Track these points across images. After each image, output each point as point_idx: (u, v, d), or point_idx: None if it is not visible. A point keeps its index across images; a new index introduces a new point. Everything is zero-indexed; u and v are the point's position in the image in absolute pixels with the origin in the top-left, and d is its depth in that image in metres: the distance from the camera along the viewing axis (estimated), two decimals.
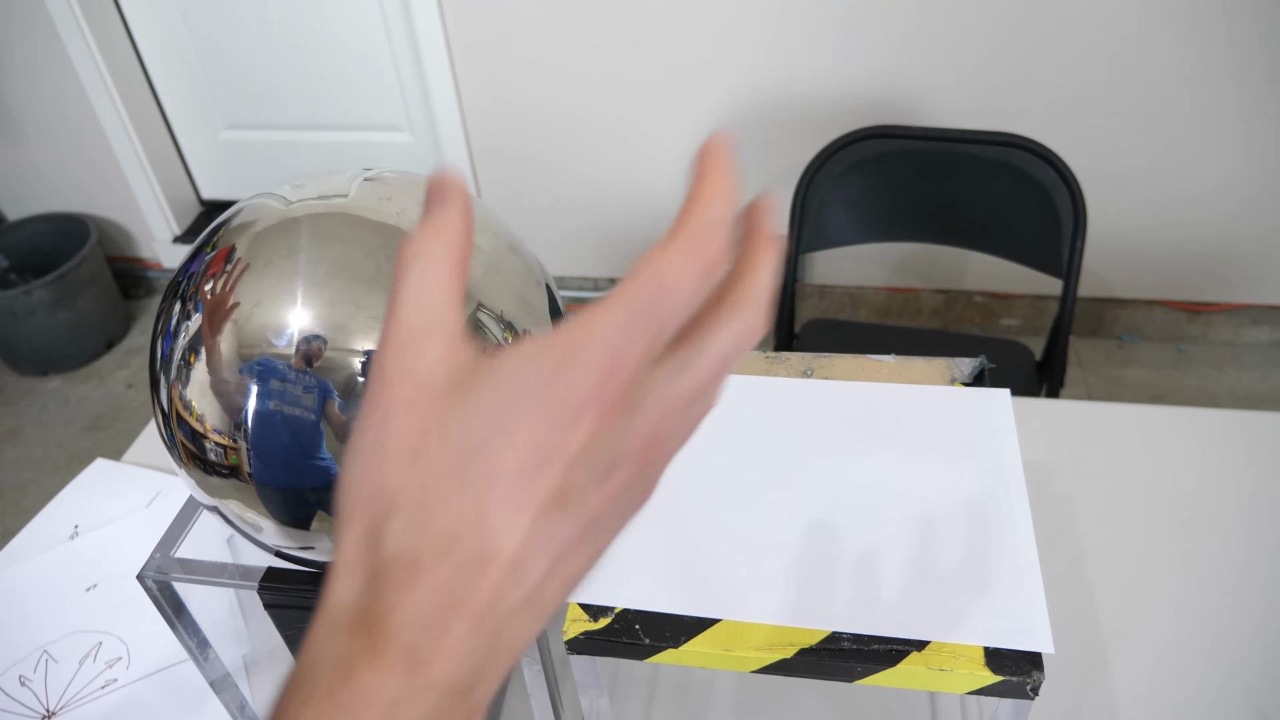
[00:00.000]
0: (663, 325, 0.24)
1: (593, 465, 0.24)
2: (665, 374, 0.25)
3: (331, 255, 0.54)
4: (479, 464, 0.24)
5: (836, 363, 0.76)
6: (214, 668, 0.68)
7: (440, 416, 0.24)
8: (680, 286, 0.24)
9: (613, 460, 0.25)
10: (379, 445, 0.25)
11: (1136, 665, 0.78)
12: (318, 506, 0.54)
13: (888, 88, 1.89)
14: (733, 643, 0.57)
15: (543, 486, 0.24)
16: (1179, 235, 2.01)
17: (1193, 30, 1.73)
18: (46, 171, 2.39)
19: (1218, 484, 0.91)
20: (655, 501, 0.32)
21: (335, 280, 0.53)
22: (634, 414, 0.24)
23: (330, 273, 0.53)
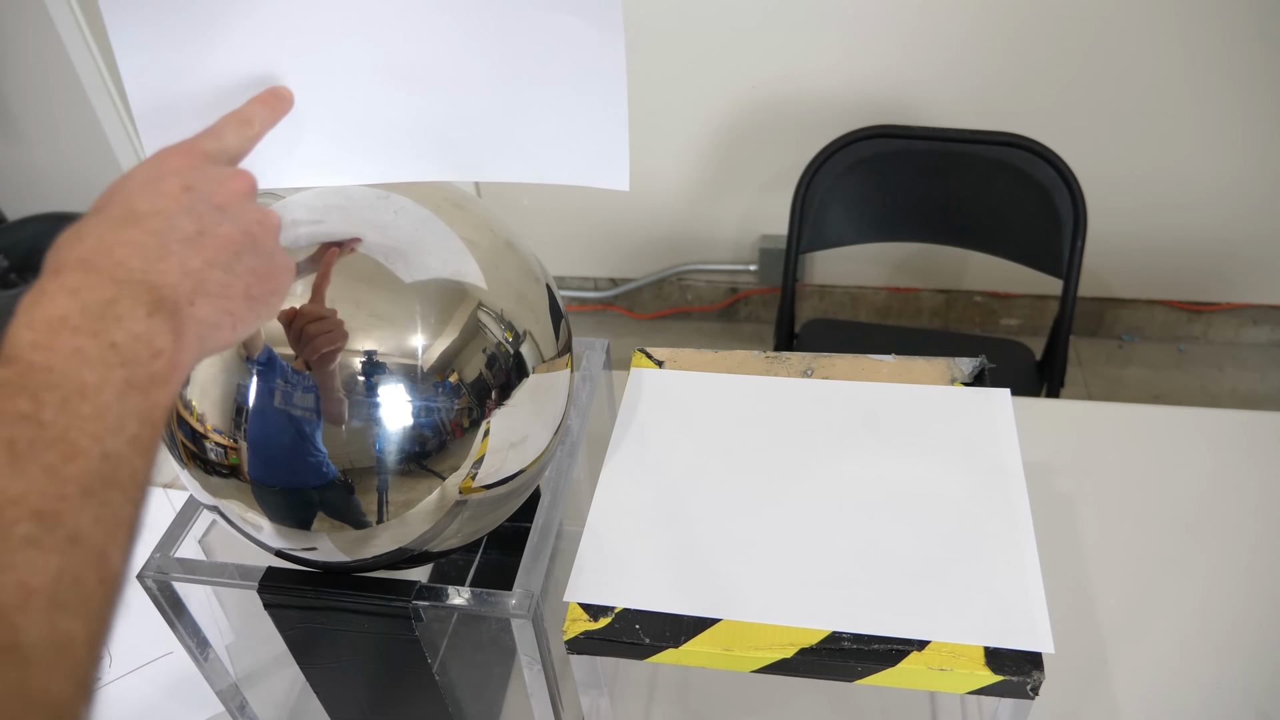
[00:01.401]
0: (197, 149, 0.44)
1: (196, 191, 0.41)
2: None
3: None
4: (122, 200, 0.40)
5: (836, 363, 0.76)
6: (214, 668, 0.68)
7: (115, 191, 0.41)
8: (207, 137, 0.46)
9: (207, 193, 0.41)
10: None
11: (1136, 665, 0.78)
12: (318, 506, 0.54)
13: (888, 88, 1.89)
14: (733, 643, 0.57)
15: (166, 192, 0.40)
16: (1179, 235, 2.01)
17: (1193, 30, 1.73)
18: (46, 171, 2.39)
19: (1218, 484, 0.91)
20: (655, 502, 0.34)
21: (334, 279, 0.53)
22: (204, 173, 0.43)
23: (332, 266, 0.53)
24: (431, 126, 0.56)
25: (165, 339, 0.35)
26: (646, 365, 0.78)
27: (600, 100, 0.54)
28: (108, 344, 0.33)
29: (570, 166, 0.56)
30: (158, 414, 0.34)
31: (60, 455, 0.30)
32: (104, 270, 0.35)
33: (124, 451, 0.32)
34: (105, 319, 0.33)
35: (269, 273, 0.42)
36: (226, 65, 0.54)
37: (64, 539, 0.29)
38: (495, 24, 0.52)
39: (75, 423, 0.31)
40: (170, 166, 0.42)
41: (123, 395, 0.33)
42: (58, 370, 0.32)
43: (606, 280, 2.35)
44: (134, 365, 0.33)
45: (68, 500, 0.30)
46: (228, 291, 0.39)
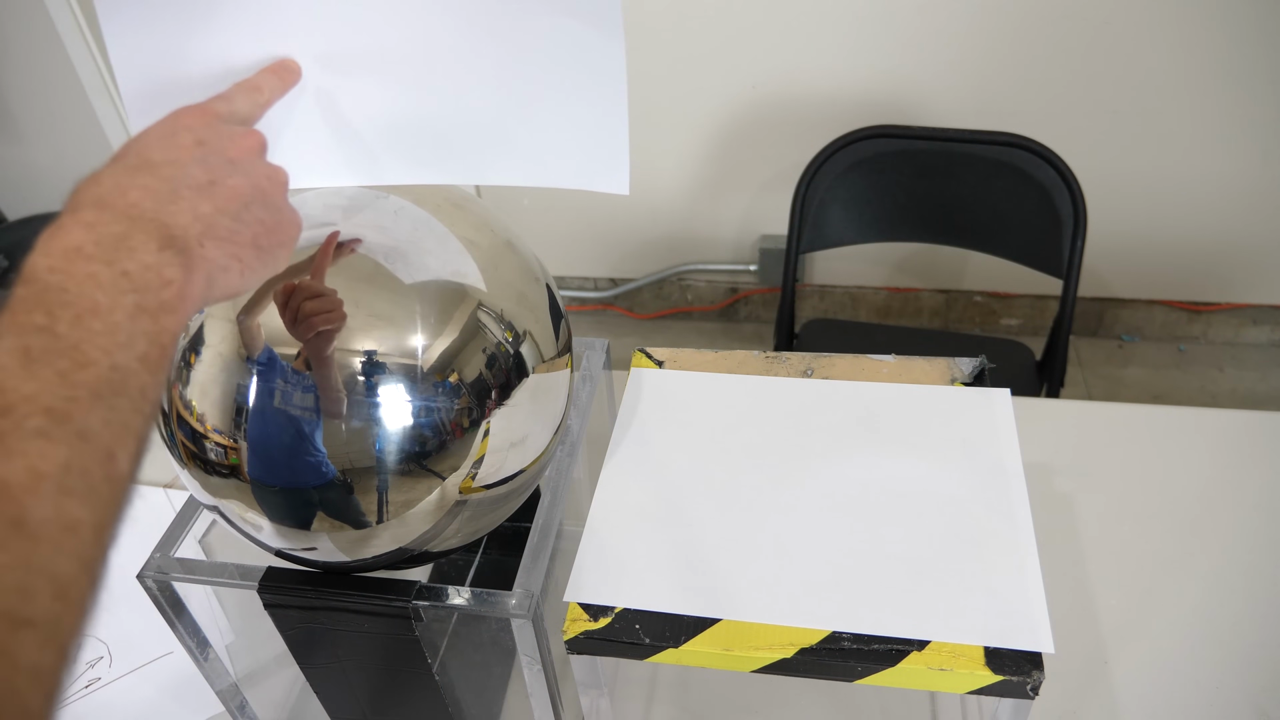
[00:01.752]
0: (210, 110, 0.46)
1: (209, 145, 0.43)
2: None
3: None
4: (138, 151, 0.42)
5: (836, 363, 0.76)
6: (214, 667, 0.68)
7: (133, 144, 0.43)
8: (219, 100, 0.48)
9: (219, 148, 0.43)
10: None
11: (1136, 665, 0.78)
12: (318, 506, 0.54)
13: (888, 88, 1.89)
14: (733, 643, 0.57)
15: (180, 145, 0.42)
16: (1179, 235, 2.01)
17: (1193, 30, 1.73)
18: (46, 171, 2.38)
19: (1218, 484, 0.91)
20: (655, 502, 0.34)
21: (334, 279, 0.53)
22: (217, 130, 0.45)
23: (328, 271, 0.53)
24: (431, 129, 0.56)
25: (175, 270, 0.37)
26: (646, 365, 0.78)
27: (600, 104, 0.54)
28: (120, 271, 0.35)
29: (570, 170, 0.56)
30: (166, 338, 0.36)
31: (71, 363, 0.32)
32: (118, 209, 0.37)
33: (133, 366, 0.34)
34: (118, 250, 0.35)
35: (276, 224, 0.44)
36: (224, 70, 0.54)
37: (73, 434, 0.31)
38: (495, 27, 0.52)
39: (87, 337, 0.33)
40: (184, 123, 0.44)
41: (133, 317, 0.34)
42: (72, 291, 0.33)
43: (606, 280, 2.35)
44: (144, 292, 0.35)
45: (78, 402, 0.31)
46: (236, 238, 0.41)
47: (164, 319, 0.35)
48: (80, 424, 0.31)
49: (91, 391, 0.32)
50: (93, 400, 0.32)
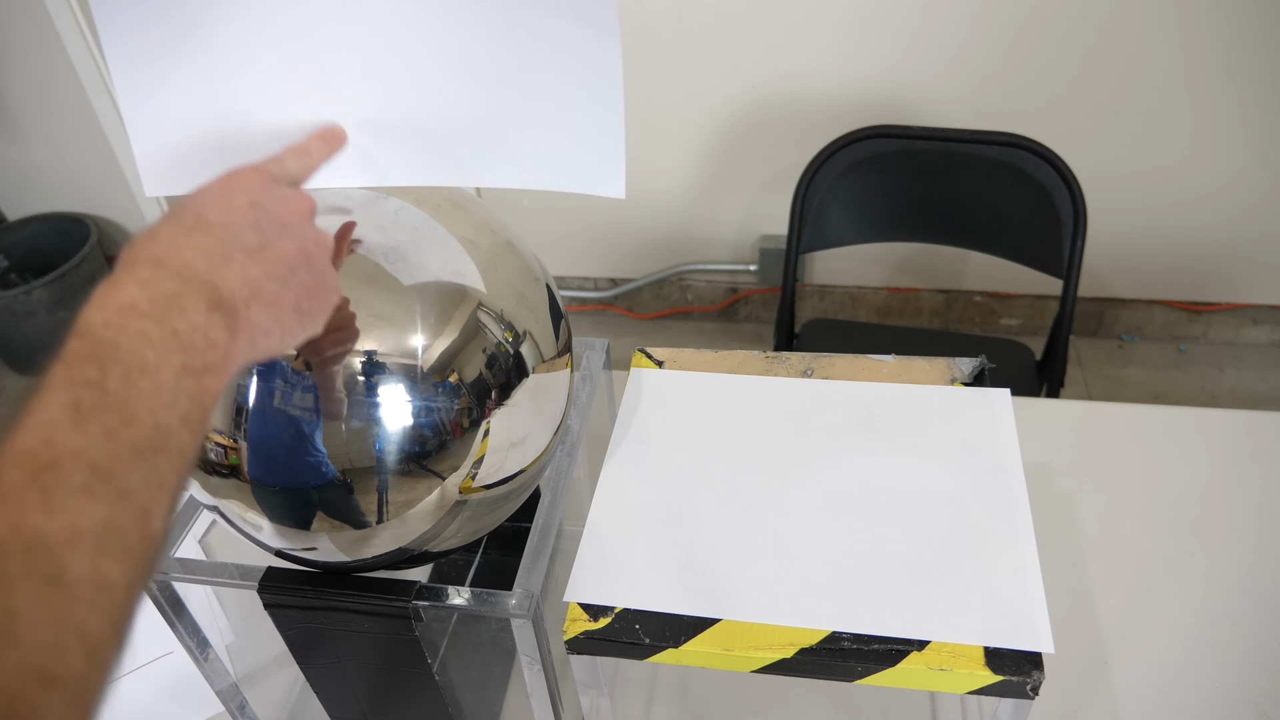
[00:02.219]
0: (264, 171, 0.47)
1: (262, 207, 0.44)
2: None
3: None
4: (195, 209, 0.43)
5: (836, 363, 0.76)
6: (214, 667, 0.68)
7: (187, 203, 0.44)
8: (272, 162, 0.49)
9: (272, 210, 0.44)
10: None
11: (1136, 665, 0.78)
12: (317, 506, 0.54)
13: (888, 88, 1.89)
14: (733, 643, 0.57)
15: (235, 206, 0.43)
16: (1179, 235, 2.01)
17: (1193, 30, 1.73)
18: (46, 171, 2.38)
19: (1218, 484, 0.91)
20: (655, 502, 0.34)
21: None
22: (271, 192, 0.46)
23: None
24: (429, 131, 0.56)
25: (221, 333, 0.38)
26: (646, 365, 0.78)
27: (597, 107, 0.54)
28: (170, 330, 0.36)
29: (566, 173, 0.56)
30: (208, 399, 0.37)
31: (119, 419, 0.33)
32: (172, 268, 0.39)
33: (174, 425, 0.35)
34: (170, 309, 0.37)
35: (319, 289, 0.45)
36: (222, 70, 0.54)
37: (114, 492, 0.32)
38: (492, 31, 0.52)
39: (135, 394, 0.34)
40: (240, 184, 0.45)
41: (178, 376, 0.36)
42: (124, 347, 0.35)
43: (606, 280, 2.35)
44: (191, 352, 0.37)
45: (121, 460, 0.33)
46: (280, 302, 0.42)
47: (207, 380, 0.37)
48: (122, 482, 0.32)
49: (135, 450, 0.33)
50: (135, 459, 0.33)
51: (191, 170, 0.58)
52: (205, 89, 0.55)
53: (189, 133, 0.57)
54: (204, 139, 0.57)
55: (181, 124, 0.56)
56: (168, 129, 0.56)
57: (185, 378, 0.36)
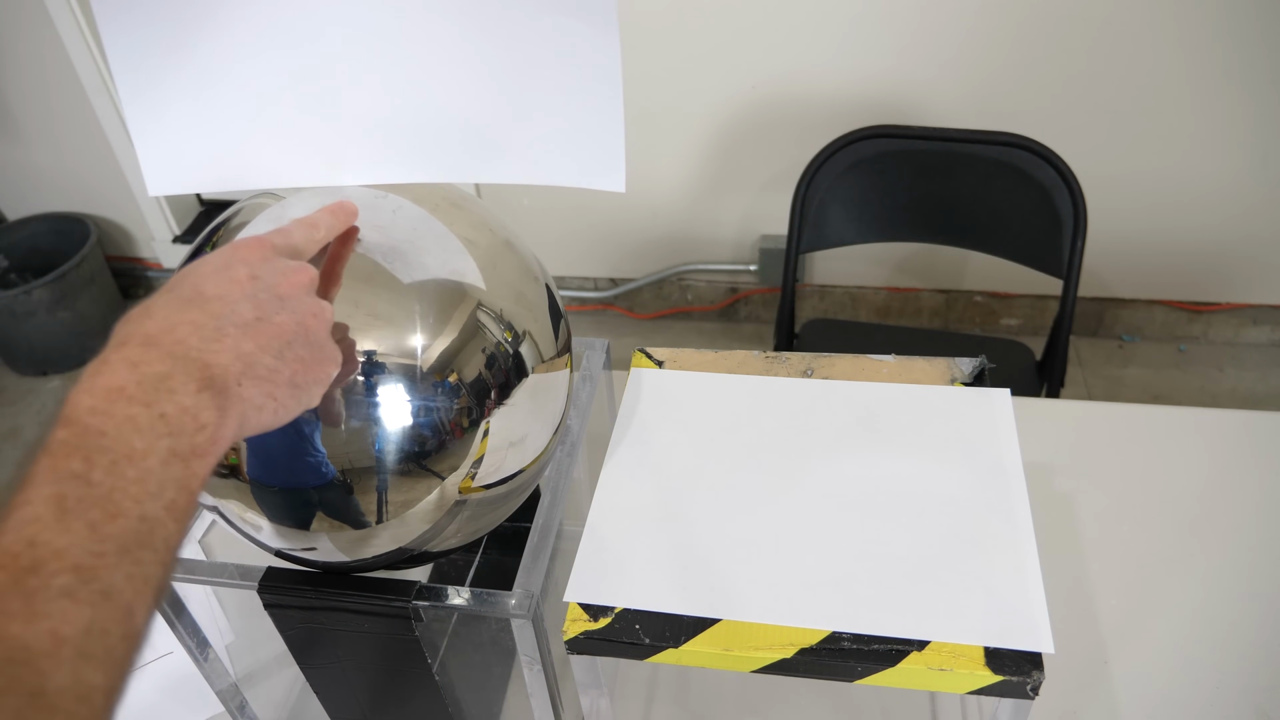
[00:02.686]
0: (268, 243, 0.47)
1: (261, 280, 0.44)
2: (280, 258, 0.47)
3: None
4: (193, 283, 0.43)
5: (836, 363, 0.76)
6: (214, 667, 0.68)
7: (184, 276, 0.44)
8: (277, 234, 0.48)
9: (271, 283, 0.44)
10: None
11: (1136, 665, 0.78)
12: (317, 506, 0.54)
13: (888, 88, 1.89)
14: (733, 643, 0.57)
15: (234, 279, 0.43)
16: (1179, 235, 2.01)
17: (1193, 30, 1.73)
18: (46, 171, 2.38)
19: (1218, 484, 0.91)
20: (655, 502, 0.34)
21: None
22: (271, 264, 0.46)
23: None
24: (428, 128, 0.56)
25: (210, 414, 0.38)
26: (646, 365, 0.78)
27: (596, 102, 0.54)
28: (158, 414, 0.36)
29: (566, 168, 0.56)
30: (195, 483, 0.37)
31: (103, 514, 0.33)
32: (164, 346, 0.39)
33: (160, 516, 0.35)
34: (159, 391, 0.37)
35: (315, 362, 0.45)
36: (224, 68, 0.54)
37: (97, 593, 0.32)
38: (491, 26, 0.52)
39: (120, 485, 0.34)
40: (240, 256, 0.45)
41: (166, 463, 0.36)
42: (110, 435, 0.35)
43: (606, 280, 2.35)
44: (179, 436, 0.36)
45: (105, 557, 0.32)
46: (274, 377, 0.42)
47: (195, 464, 0.37)
48: (106, 582, 0.32)
49: (119, 546, 0.33)
50: (119, 556, 0.33)
51: (194, 170, 0.58)
52: (207, 88, 0.55)
53: (192, 132, 0.57)
54: (207, 138, 0.57)
55: (184, 123, 0.56)
56: (171, 129, 0.56)
57: (173, 463, 0.36)
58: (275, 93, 0.55)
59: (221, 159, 0.57)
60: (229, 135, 0.57)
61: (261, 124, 0.56)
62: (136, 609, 0.33)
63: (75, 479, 0.33)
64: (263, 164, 0.58)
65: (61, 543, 0.32)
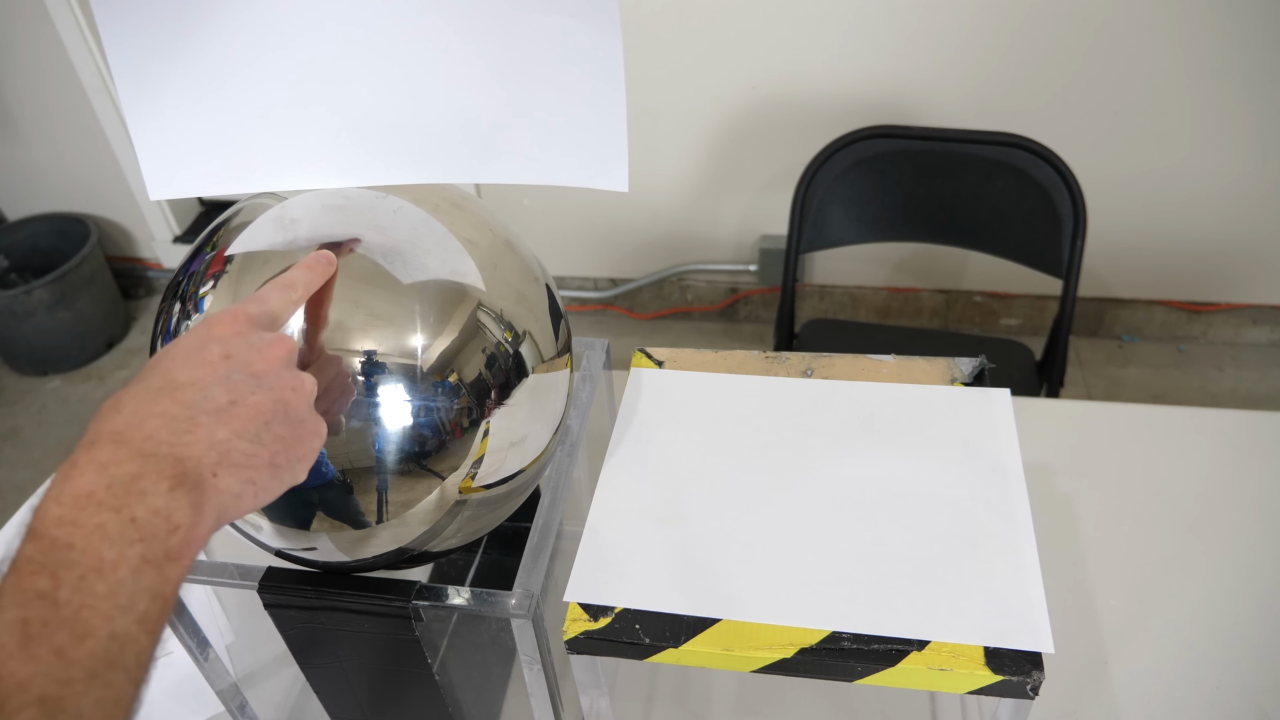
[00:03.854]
0: (242, 316, 0.46)
1: (235, 359, 0.43)
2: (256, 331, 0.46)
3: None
4: (164, 369, 0.42)
5: (836, 363, 0.76)
6: (214, 667, 0.68)
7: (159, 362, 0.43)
8: (253, 302, 0.47)
9: (245, 362, 0.43)
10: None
11: (1136, 665, 0.78)
12: (317, 506, 0.54)
13: (888, 88, 1.89)
14: (733, 643, 0.57)
15: (206, 361, 0.42)
16: (1179, 235, 2.01)
17: (1193, 30, 1.73)
18: (46, 171, 2.39)
19: (1218, 484, 0.91)
20: (655, 502, 0.33)
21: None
22: (246, 340, 0.44)
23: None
24: (430, 129, 0.56)
25: (184, 514, 0.36)
26: (646, 365, 0.78)
27: (599, 101, 0.54)
28: (128, 519, 0.35)
29: (569, 168, 0.56)
30: (169, 589, 0.35)
31: (71, 636, 0.32)
32: (134, 443, 0.37)
33: (132, 630, 0.33)
34: (129, 494, 0.35)
35: (296, 439, 0.43)
36: (224, 71, 0.54)
37: None
38: (493, 26, 0.52)
39: (89, 601, 0.32)
40: (215, 334, 0.44)
41: (137, 572, 0.34)
42: (78, 548, 0.33)
43: (606, 280, 2.35)
44: (151, 541, 0.35)
45: (72, 684, 0.31)
46: (252, 461, 0.41)
47: (168, 569, 0.35)
48: (74, 711, 0.31)
49: (87, 670, 0.32)
50: (88, 680, 0.31)
51: (195, 174, 0.58)
52: (208, 92, 0.55)
53: (193, 136, 0.57)
54: (208, 142, 0.57)
55: (185, 128, 0.56)
56: (171, 133, 0.56)
57: (145, 571, 0.34)
58: (276, 95, 0.55)
59: (222, 163, 0.57)
60: (230, 139, 0.57)
61: (262, 127, 0.56)
62: None
63: (41, 599, 0.32)
64: (264, 167, 0.58)
65: (25, 673, 0.30)
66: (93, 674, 0.32)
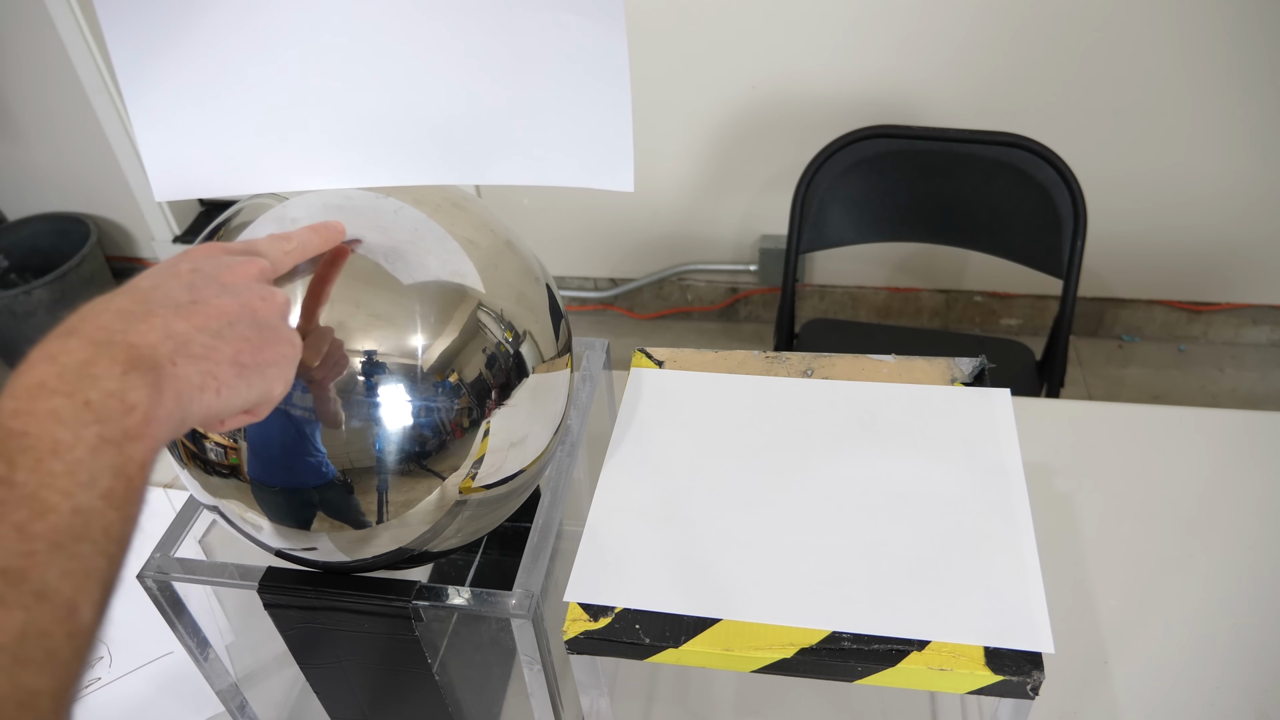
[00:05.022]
0: (221, 246, 0.46)
1: (202, 271, 0.43)
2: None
3: None
4: (133, 280, 0.42)
5: (836, 363, 0.76)
6: (214, 667, 0.68)
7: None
8: (240, 242, 0.48)
9: (213, 273, 0.43)
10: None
11: (1136, 665, 0.78)
12: (317, 506, 0.54)
13: (888, 88, 1.89)
14: (733, 643, 0.57)
15: (174, 272, 0.42)
16: (1179, 235, 2.01)
17: (1193, 30, 1.73)
18: (46, 171, 2.39)
19: (1218, 484, 0.91)
20: (655, 502, 0.33)
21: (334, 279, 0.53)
22: (218, 259, 0.44)
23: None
24: (434, 129, 0.56)
25: (140, 394, 0.35)
26: (646, 365, 0.78)
27: (604, 101, 0.54)
28: (82, 402, 0.34)
29: (574, 168, 0.56)
30: (133, 468, 0.34)
31: (30, 512, 0.31)
32: (85, 334, 0.36)
33: (96, 505, 0.32)
34: (81, 379, 0.34)
35: (264, 341, 0.42)
36: (228, 71, 0.54)
37: (29, 594, 0.30)
38: (497, 25, 0.52)
39: (47, 480, 0.32)
40: (190, 255, 0.44)
41: (95, 451, 0.33)
42: (33, 434, 0.32)
43: (606, 280, 2.35)
44: (107, 421, 0.34)
45: (35, 556, 0.30)
46: (213, 355, 0.39)
47: (129, 448, 0.34)
48: (38, 582, 0.30)
49: (50, 543, 0.31)
50: (51, 552, 0.31)
51: (200, 175, 0.58)
52: (212, 94, 0.55)
53: (197, 138, 0.56)
54: (212, 144, 0.57)
55: (189, 130, 0.56)
56: (176, 134, 0.56)
57: (104, 450, 0.33)
58: (281, 96, 0.55)
59: (227, 164, 0.57)
60: (234, 140, 0.57)
61: (267, 128, 0.56)
62: (80, 605, 0.31)
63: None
64: (269, 168, 0.57)
65: None
66: (56, 545, 0.31)
